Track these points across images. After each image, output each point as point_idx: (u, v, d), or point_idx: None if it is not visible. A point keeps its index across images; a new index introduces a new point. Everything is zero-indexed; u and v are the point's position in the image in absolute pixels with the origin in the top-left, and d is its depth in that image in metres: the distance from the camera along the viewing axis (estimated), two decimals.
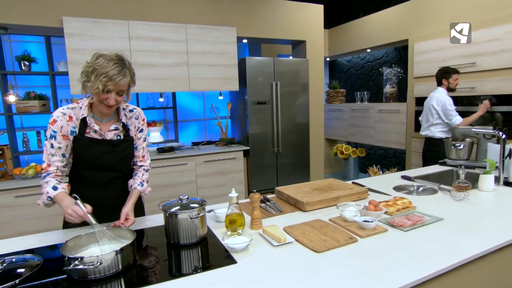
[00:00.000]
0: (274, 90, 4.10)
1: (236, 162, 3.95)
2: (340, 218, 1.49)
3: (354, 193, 1.81)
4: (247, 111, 4.03)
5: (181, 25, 3.61)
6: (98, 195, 1.49)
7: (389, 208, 1.58)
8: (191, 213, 1.30)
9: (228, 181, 3.93)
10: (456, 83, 3.29)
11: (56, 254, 1.30)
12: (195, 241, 1.33)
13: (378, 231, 1.35)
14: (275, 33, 4.24)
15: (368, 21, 4.79)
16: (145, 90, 3.60)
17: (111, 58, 1.33)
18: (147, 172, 1.65)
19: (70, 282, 1.07)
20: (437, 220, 1.46)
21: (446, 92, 3.33)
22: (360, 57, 5.51)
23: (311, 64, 4.42)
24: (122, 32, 3.36)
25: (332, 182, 2.02)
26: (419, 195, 1.89)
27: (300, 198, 1.70)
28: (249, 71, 3.95)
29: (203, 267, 1.16)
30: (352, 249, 1.22)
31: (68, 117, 1.42)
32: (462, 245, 1.22)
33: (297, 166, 4.41)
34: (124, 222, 1.39)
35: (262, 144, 4.18)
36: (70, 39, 3.16)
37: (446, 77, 3.31)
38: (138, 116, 1.60)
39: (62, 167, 1.43)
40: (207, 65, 3.79)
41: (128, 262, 1.16)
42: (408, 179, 2.23)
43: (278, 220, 1.56)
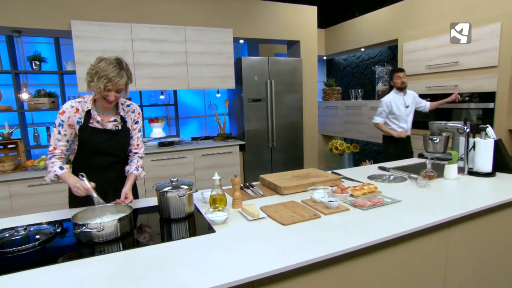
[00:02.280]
0: (269, 88, 4.32)
1: (232, 156, 4.18)
2: (311, 200, 1.71)
3: (329, 179, 2.03)
4: (243, 108, 4.26)
5: (180, 27, 3.84)
6: (99, 177, 1.73)
7: (356, 192, 1.79)
8: (179, 192, 1.53)
9: (225, 174, 4.16)
10: (400, 81, 3.51)
11: (66, 226, 1.54)
12: (183, 216, 1.57)
13: (341, 210, 1.57)
14: (270, 33, 4.46)
15: (362, 21, 4.98)
16: (146, 88, 3.83)
17: (110, 62, 1.57)
18: (141, 159, 1.89)
19: (80, 244, 1.32)
20: (395, 202, 1.68)
21: (395, 91, 3.60)
22: (356, 56, 5.69)
23: (304, 63, 4.62)
24: (125, 34, 3.60)
25: (311, 171, 2.24)
26: (389, 183, 2.10)
27: (279, 183, 1.93)
28: (244, 70, 4.17)
29: (188, 235, 1.40)
30: (313, 223, 1.44)
31: (75, 109, 1.68)
32: (406, 221, 1.44)
33: (291, 161, 4.62)
34: (124, 200, 1.63)
35: (257, 139, 4.40)
36: (78, 41, 3.41)
37: (391, 78, 3.62)
38: (135, 110, 1.86)
39: (65, 151, 1.70)
40: (205, 65, 4.02)
41: (126, 230, 1.40)
42: (384, 170, 2.45)
43: (257, 201, 1.79)
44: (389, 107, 3.57)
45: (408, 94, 3.63)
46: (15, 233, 1.36)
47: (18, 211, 3.09)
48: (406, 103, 3.59)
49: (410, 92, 3.65)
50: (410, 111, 3.64)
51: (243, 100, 4.25)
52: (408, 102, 3.61)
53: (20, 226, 1.41)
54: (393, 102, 3.56)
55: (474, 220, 1.65)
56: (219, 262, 1.12)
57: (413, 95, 3.66)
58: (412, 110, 3.65)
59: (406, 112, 3.59)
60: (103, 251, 1.26)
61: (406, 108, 3.58)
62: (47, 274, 1.09)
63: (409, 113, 3.62)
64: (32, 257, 1.24)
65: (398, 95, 3.57)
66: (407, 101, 3.60)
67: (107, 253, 1.24)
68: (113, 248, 1.28)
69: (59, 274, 1.09)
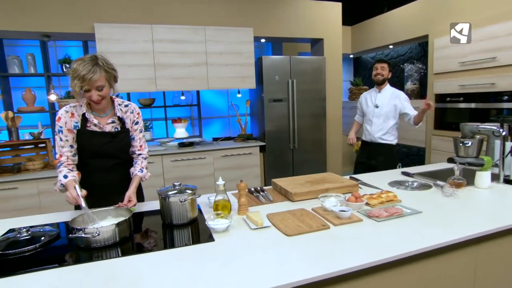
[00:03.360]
0: (290, 88, 4.20)
1: (252, 157, 4.11)
2: (322, 208, 1.60)
3: (344, 186, 1.90)
4: (264, 108, 4.17)
5: (200, 27, 3.83)
6: (103, 180, 1.73)
7: (372, 200, 1.65)
8: (181, 197, 1.48)
9: (245, 175, 4.10)
10: (374, 73, 3.01)
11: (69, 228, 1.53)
12: (185, 222, 1.51)
13: (353, 221, 1.45)
14: (292, 32, 4.34)
15: (390, 16, 4.73)
16: (166, 89, 3.85)
17: (83, 61, 1.52)
18: (145, 160, 1.86)
19: (78, 248, 1.30)
20: (415, 213, 1.52)
21: (374, 87, 3.13)
22: (384, 54, 5.43)
23: (328, 61, 4.46)
24: (145, 35, 3.63)
25: (326, 176, 2.11)
26: (412, 190, 1.94)
27: (290, 189, 1.83)
28: (265, 70, 4.08)
29: (185, 243, 1.34)
30: (321, 235, 1.33)
31: (71, 114, 1.66)
32: (426, 236, 1.29)
33: (314, 163, 4.48)
34: (127, 204, 1.60)
35: (278, 140, 4.30)
36: (100, 43, 3.49)
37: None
38: (133, 111, 1.80)
39: (72, 156, 1.68)
40: (225, 65, 3.98)
41: (125, 235, 1.36)
42: (407, 175, 2.27)
43: (265, 208, 1.70)
44: (360, 102, 3.20)
45: (386, 93, 3.00)
46: (18, 235, 1.36)
47: (46, 208, 3.19)
48: (376, 101, 3.03)
49: (392, 92, 3.01)
50: (381, 114, 2.98)
51: (263, 100, 4.16)
52: (381, 101, 2.99)
53: (24, 228, 1.41)
54: (364, 97, 3.17)
55: (509, 236, 1.46)
56: (210, 277, 1.05)
57: (396, 96, 2.97)
58: (385, 113, 2.97)
59: (374, 113, 3.02)
60: (99, 256, 1.23)
61: (375, 108, 3.02)
62: (37, 279, 1.07)
63: (378, 115, 2.99)
64: (27, 261, 1.22)
65: (373, 90, 3.12)
66: (379, 99, 3.01)
67: (101, 259, 1.20)
68: (108, 255, 1.24)
69: (50, 279, 1.06)
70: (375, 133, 3.03)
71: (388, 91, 3.02)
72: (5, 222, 1.63)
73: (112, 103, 1.75)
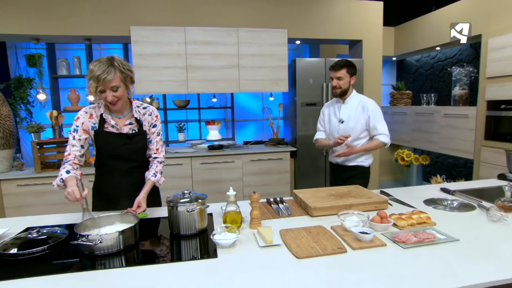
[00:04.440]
0: (325, 92, 4.01)
1: (283, 162, 3.98)
2: (342, 227, 1.45)
3: (371, 202, 1.72)
4: (296, 112, 4.03)
5: (233, 29, 3.78)
6: (119, 182, 1.72)
7: (401, 221, 1.47)
8: (188, 207, 1.41)
9: (274, 181, 3.99)
10: (332, 85, 2.41)
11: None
12: (193, 233, 1.44)
13: (374, 245, 1.28)
14: (328, 33, 4.14)
15: (438, 15, 4.35)
16: (198, 91, 3.86)
17: (99, 62, 1.52)
18: (161, 164, 1.81)
19: (82, 255, 1.27)
20: (450, 241, 1.32)
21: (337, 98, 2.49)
22: (430, 56, 5.02)
23: (367, 64, 4.20)
24: (179, 37, 3.66)
25: (353, 189, 1.94)
26: (450, 211, 1.70)
27: (310, 203, 1.69)
28: (299, 72, 3.94)
29: (185, 258, 1.26)
30: (334, 260, 1.19)
31: (89, 114, 1.67)
32: (460, 272, 1.09)
33: None
34: (136, 210, 1.57)
35: (310, 146, 4.09)
36: (136, 46, 3.57)
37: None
38: (151, 113, 1.78)
39: (79, 156, 1.67)
40: (257, 67, 3.89)
41: (130, 243, 1.32)
42: (447, 192, 2.02)
43: (281, 222, 1.58)
44: (323, 113, 2.59)
45: (353, 103, 2.39)
46: (28, 235, 1.37)
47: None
48: (341, 115, 2.42)
49: (360, 101, 2.38)
50: (347, 130, 2.35)
51: (296, 104, 4.02)
52: (346, 114, 2.38)
53: (35, 228, 1.42)
54: (327, 109, 2.55)
55: None
56: None
57: (364, 109, 2.34)
58: (352, 129, 2.35)
59: (339, 129, 2.40)
60: (102, 265, 1.19)
61: (340, 123, 2.41)
62: (33, 285, 1.05)
63: (344, 131, 2.36)
64: (29, 264, 1.22)
65: (336, 100, 2.51)
66: (344, 112, 2.40)
67: (101, 268, 1.17)
68: (110, 264, 1.20)
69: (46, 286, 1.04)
70: (347, 155, 2.35)
71: (355, 101, 2.40)
72: (25, 220, 1.68)
73: (130, 104, 1.74)
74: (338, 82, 2.36)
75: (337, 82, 2.36)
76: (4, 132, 3.31)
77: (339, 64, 2.37)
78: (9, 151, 3.41)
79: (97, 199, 1.78)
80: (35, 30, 3.42)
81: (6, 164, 3.39)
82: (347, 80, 2.37)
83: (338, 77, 2.36)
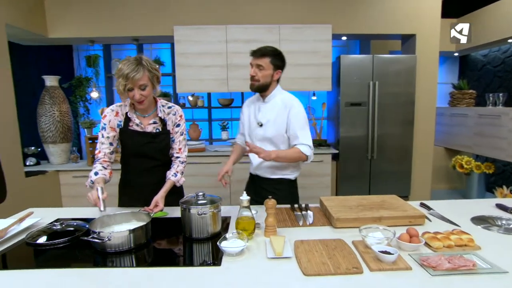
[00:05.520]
0: (371, 91, 3.75)
1: (323, 165, 3.81)
2: (363, 243, 1.30)
3: (405, 216, 1.53)
4: (340, 112, 3.82)
5: (274, 26, 3.70)
6: (141, 180, 1.75)
7: (435, 242, 1.27)
8: (199, 210, 1.37)
9: (314, 184, 3.83)
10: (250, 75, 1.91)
11: None
12: (205, 236, 1.40)
13: (397, 267, 1.12)
14: (376, 27, 3.84)
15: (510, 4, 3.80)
16: (238, 90, 3.84)
17: (128, 60, 1.55)
18: (182, 164, 1.81)
19: (95, 251, 1.30)
20: (496, 272, 1.10)
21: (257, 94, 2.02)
22: (501, 50, 4.42)
23: (420, 61, 3.83)
24: (220, 36, 3.67)
25: (388, 200, 1.75)
26: (503, 233, 1.44)
27: (333, 213, 1.55)
28: (343, 70, 3.73)
29: (189, 263, 1.23)
30: (346, 281, 1.06)
31: (115, 112, 1.71)
32: None
33: (395, 177, 3.93)
34: (153, 209, 1.58)
35: (355, 148, 3.89)
36: (178, 45, 3.67)
37: None
38: (176, 113, 1.79)
39: (109, 154, 1.72)
40: (298, 65, 3.76)
41: (140, 242, 1.32)
42: (503, 209, 1.73)
43: (299, 231, 1.47)
44: (243, 113, 2.09)
45: (274, 103, 1.92)
46: (53, 227, 1.44)
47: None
48: (259, 116, 1.95)
49: (282, 101, 1.91)
50: (266, 137, 1.91)
51: (340, 104, 3.82)
52: (266, 117, 1.91)
53: (58, 221, 1.50)
54: (247, 108, 2.05)
55: None
56: None
57: (286, 110, 1.88)
58: (271, 135, 1.90)
59: (257, 134, 1.94)
60: (111, 262, 1.22)
61: (259, 126, 1.94)
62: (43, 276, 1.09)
63: (262, 138, 1.92)
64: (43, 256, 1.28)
65: (257, 98, 2.02)
66: (264, 113, 1.93)
67: (108, 266, 1.19)
68: (117, 262, 1.22)
69: (54, 278, 1.08)
70: (261, 163, 1.94)
71: (277, 101, 1.91)
72: (58, 211, 1.79)
73: (155, 104, 1.76)
74: (256, 72, 1.85)
75: (255, 71, 1.86)
76: (63, 127, 3.61)
77: (261, 50, 1.85)
78: (66, 144, 3.72)
79: (122, 195, 1.84)
80: (90, 33, 3.68)
81: (64, 156, 3.71)
82: (269, 73, 1.86)
83: (258, 65, 1.85)
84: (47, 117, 3.52)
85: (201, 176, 3.64)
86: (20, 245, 1.36)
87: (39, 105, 3.53)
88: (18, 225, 1.50)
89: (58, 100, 3.57)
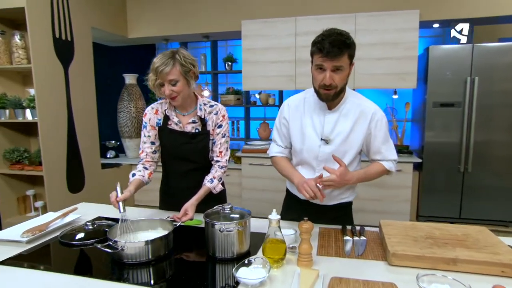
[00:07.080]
0: (469, 88, 3.08)
1: (403, 175, 3.29)
2: None
3: (496, 262, 1.11)
4: (426, 114, 3.25)
5: (350, 15, 3.31)
6: (179, 184, 1.66)
7: None
8: (222, 226, 1.20)
9: (390, 197, 3.35)
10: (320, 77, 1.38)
11: None
12: (229, 257, 1.22)
13: None
14: (479, 10, 3.12)
15: None
16: (305, 87, 3.51)
17: (163, 54, 1.47)
18: (221, 169, 1.65)
19: (112, 260, 1.23)
20: None
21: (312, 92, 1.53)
22: None
23: None
24: (289, 29, 3.45)
25: (475, 234, 1.32)
26: None
27: (390, 245, 1.22)
28: (432, 64, 3.15)
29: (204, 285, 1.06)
30: None
31: (155, 110, 1.64)
32: None
33: (496, 194, 3.18)
34: (182, 217, 1.46)
35: (443, 157, 3.27)
36: (245, 40, 3.57)
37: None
38: (218, 112, 1.64)
39: (151, 153, 1.65)
40: (376, 59, 3.30)
41: (159, 254, 1.21)
42: None
43: (341, 264, 1.19)
44: (286, 121, 1.56)
45: (346, 114, 1.47)
46: (85, 226, 1.44)
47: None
48: (325, 129, 1.47)
49: (358, 106, 1.47)
50: (336, 154, 1.41)
51: (426, 104, 3.25)
52: (337, 129, 1.47)
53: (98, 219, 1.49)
54: (295, 114, 1.54)
55: None
56: None
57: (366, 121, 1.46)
58: (344, 151, 1.46)
59: (319, 153, 1.47)
60: (123, 276, 1.12)
61: (324, 143, 1.47)
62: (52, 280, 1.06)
63: (326, 156, 1.46)
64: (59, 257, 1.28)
65: (318, 107, 1.49)
66: (332, 126, 1.47)
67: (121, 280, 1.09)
68: (130, 275, 1.13)
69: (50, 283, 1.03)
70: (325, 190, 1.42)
71: (350, 108, 1.47)
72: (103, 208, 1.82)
73: (196, 101, 1.64)
74: (333, 77, 1.35)
75: (332, 77, 1.35)
76: (138, 122, 3.86)
77: (337, 45, 1.33)
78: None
79: (162, 198, 1.78)
80: (163, 32, 3.85)
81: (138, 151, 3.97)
82: (347, 73, 1.39)
83: (336, 67, 1.35)
84: (125, 113, 3.79)
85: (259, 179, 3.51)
86: (54, 242, 1.38)
87: (119, 102, 3.83)
88: (61, 220, 1.55)
89: (135, 96, 3.82)
